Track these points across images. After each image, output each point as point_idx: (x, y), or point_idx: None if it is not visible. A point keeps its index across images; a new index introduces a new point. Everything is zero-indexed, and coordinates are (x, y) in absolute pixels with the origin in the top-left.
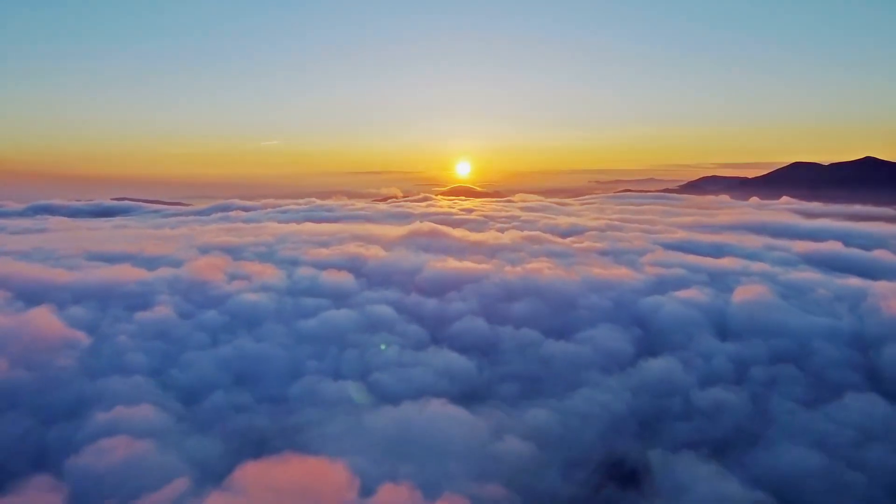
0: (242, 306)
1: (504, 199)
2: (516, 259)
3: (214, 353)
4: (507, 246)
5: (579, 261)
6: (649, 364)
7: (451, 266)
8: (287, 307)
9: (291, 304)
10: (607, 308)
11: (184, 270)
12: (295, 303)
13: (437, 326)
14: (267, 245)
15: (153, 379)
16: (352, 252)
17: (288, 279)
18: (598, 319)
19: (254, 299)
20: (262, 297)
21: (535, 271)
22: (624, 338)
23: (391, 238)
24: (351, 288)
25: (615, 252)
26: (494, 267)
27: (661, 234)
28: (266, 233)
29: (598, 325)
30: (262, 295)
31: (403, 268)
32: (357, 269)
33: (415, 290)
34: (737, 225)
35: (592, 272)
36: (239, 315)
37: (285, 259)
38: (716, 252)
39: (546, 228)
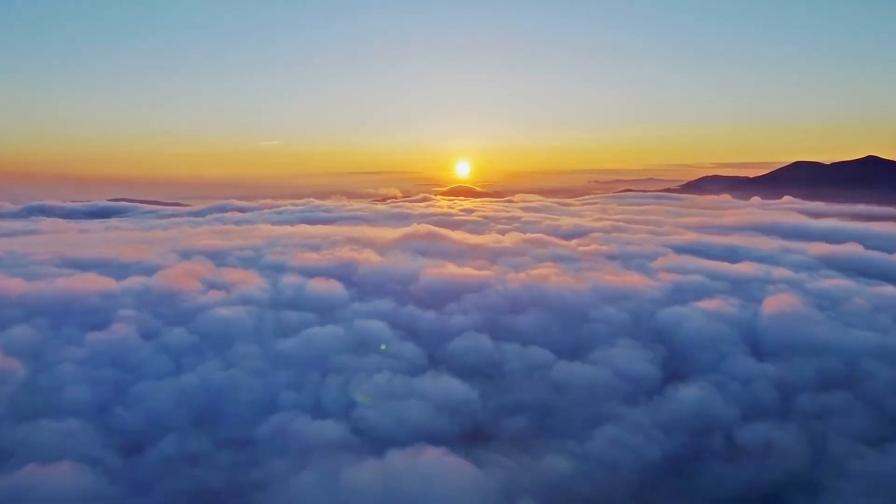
0: (215, 322)
1: (504, 199)
2: (520, 264)
3: (174, 383)
4: (509, 249)
5: (587, 266)
6: (680, 392)
7: (449, 273)
8: (266, 323)
9: (271, 320)
10: (623, 321)
11: (157, 279)
12: (276, 317)
13: (435, 344)
14: (254, 249)
15: (93, 422)
16: (343, 257)
17: (271, 288)
18: (615, 335)
19: (229, 314)
20: (239, 311)
21: (540, 278)
22: (646, 357)
23: (387, 241)
24: (340, 298)
25: (624, 256)
26: (497, 273)
27: (669, 235)
28: (257, 235)
29: (615, 341)
30: (240, 308)
31: (398, 275)
32: (348, 277)
33: (410, 300)
34: (745, 226)
35: (603, 279)
36: (210, 334)
37: (271, 265)
38: (730, 255)
39: (548, 230)
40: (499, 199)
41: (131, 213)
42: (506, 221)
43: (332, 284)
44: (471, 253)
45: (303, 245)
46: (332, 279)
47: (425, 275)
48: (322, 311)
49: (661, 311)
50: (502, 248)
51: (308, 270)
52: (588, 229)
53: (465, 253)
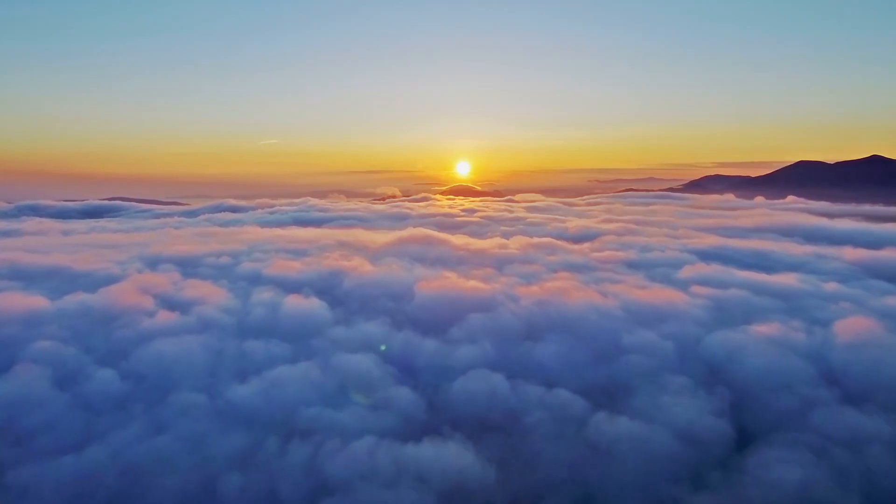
0: (156, 361)
1: (505, 199)
2: (530, 275)
3: (70, 466)
4: (516, 256)
5: (606, 276)
6: (765, 461)
7: (451, 286)
8: (223, 360)
9: (231, 354)
10: (666, 352)
11: (101, 297)
12: (237, 350)
13: (435, 385)
14: (233, 255)
15: None
16: (330, 265)
17: (239, 308)
18: (660, 371)
19: (175, 349)
20: (191, 343)
21: (558, 293)
22: (709, 407)
23: (381, 246)
24: (319, 321)
25: (645, 264)
26: (505, 287)
27: (688, 239)
28: (241, 238)
29: (662, 381)
30: (193, 339)
31: (391, 288)
32: (332, 291)
33: (405, 321)
34: (763, 228)
35: (631, 294)
36: (147, 377)
37: (247, 275)
38: (762, 263)
39: (556, 233)
40: (499, 199)
41: (125, 213)
42: (509, 223)
43: (312, 303)
44: (474, 260)
45: (287, 251)
46: (313, 295)
47: (423, 289)
48: (296, 340)
49: (709, 337)
50: (509, 255)
51: (287, 283)
52: (598, 232)
53: (467, 260)
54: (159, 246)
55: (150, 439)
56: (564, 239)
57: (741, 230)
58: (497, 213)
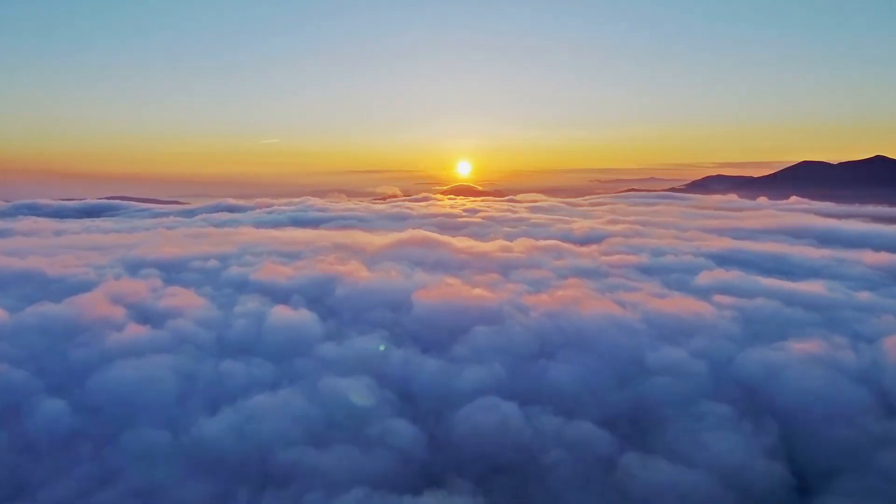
0: (116, 388)
1: (506, 199)
2: (539, 281)
3: None
4: (522, 261)
5: (619, 282)
6: None
7: (454, 295)
8: (194, 385)
9: (203, 378)
10: (698, 373)
11: (65, 308)
12: (210, 374)
13: (438, 413)
14: (222, 258)
15: None
16: (323, 270)
17: (219, 320)
18: (693, 396)
19: (140, 372)
20: (158, 365)
21: (570, 303)
22: (758, 445)
23: (379, 248)
24: (308, 336)
25: (658, 269)
26: (512, 295)
27: (698, 241)
28: (233, 240)
29: (698, 411)
30: (161, 360)
31: (389, 297)
32: (323, 300)
33: (404, 335)
34: (775, 229)
35: (649, 304)
36: (102, 409)
37: (233, 280)
38: (782, 268)
39: (561, 235)
40: (500, 199)
41: (123, 212)
42: (512, 223)
43: (300, 315)
44: (477, 265)
45: (280, 253)
46: (303, 304)
47: (423, 298)
48: (279, 359)
49: (743, 355)
50: (514, 259)
51: (275, 290)
52: (604, 233)
53: (469, 264)
54: (146, 248)
55: (93, 492)
56: (570, 241)
57: (750, 232)
58: (499, 214)
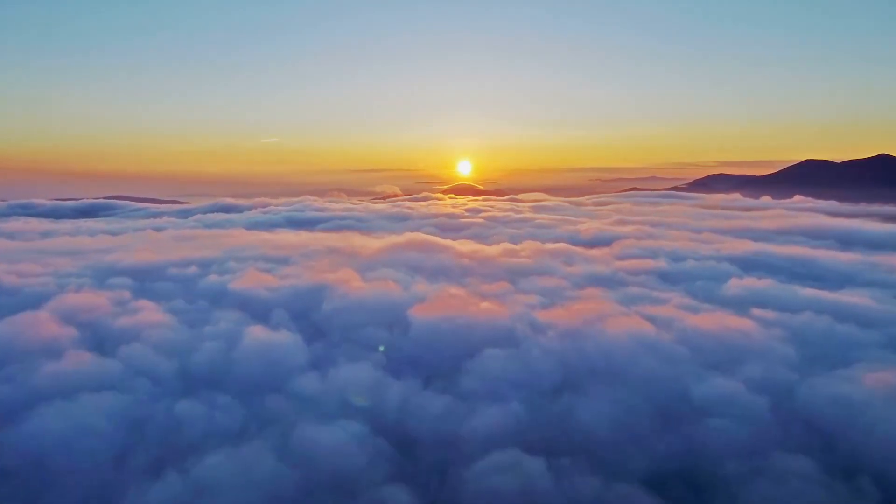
0: (34, 444)
1: (507, 198)
2: (552, 292)
3: None
4: (530, 267)
5: (641, 292)
6: None
7: (459, 309)
8: (142, 435)
9: (152, 429)
10: (760, 413)
11: (3, 328)
12: (163, 421)
13: (442, 480)
14: (205, 263)
15: None
16: (312, 279)
17: (186, 345)
18: (762, 446)
19: (69, 421)
20: (99, 409)
21: (591, 318)
22: None
23: (375, 253)
24: (287, 364)
25: (681, 275)
26: (524, 309)
27: (716, 244)
28: (222, 242)
29: (773, 468)
30: (105, 401)
31: (384, 312)
32: (309, 315)
33: (400, 361)
34: (792, 230)
35: (683, 320)
36: (14, 474)
37: (210, 291)
38: (813, 274)
39: (568, 236)
40: (501, 198)
41: (119, 212)
42: (516, 224)
43: (280, 338)
44: (481, 271)
45: (268, 258)
46: (285, 322)
47: (423, 314)
48: (250, 397)
49: (807, 387)
50: (522, 265)
51: (255, 304)
52: (613, 235)
53: (473, 271)
54: (125, 253)
55: None
56: (578, 243)
57: (766, 233)
58: (502, 214)
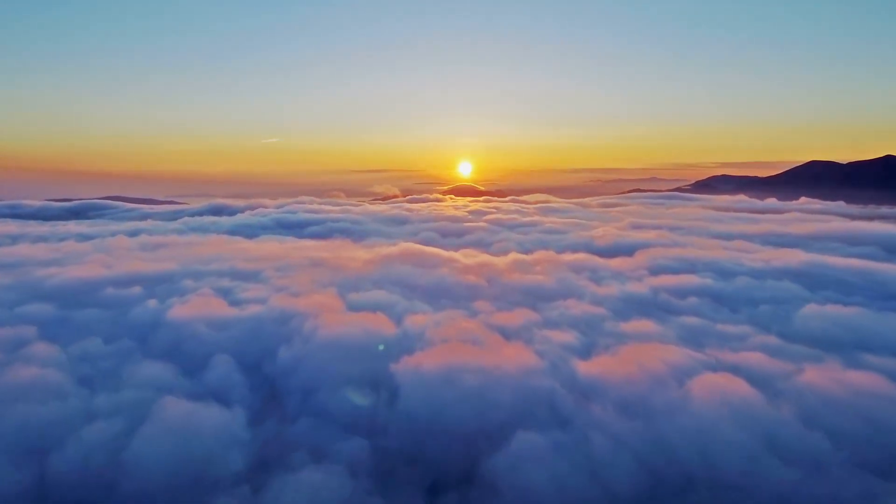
0: None
1: (508, 199)
2: (588, 323)
3: None
4: (550, 287)
5: (701, 325)
6: None
7: (469, 360)
8: None
9: None
10: None
11: None
12: None
13: None
14: (152, 281)
15: None
16: (279, 305)
17: (59, 429)
18: None
19: None
20: None
21: (660, 373)
22: None
23: (363, 267)
24: (210, 474)
25: (738, 298)
26: (558, 355)
27: (756, 254)
28: (192, 252)
29: None
30: None
31: (367, 362)
32: (262, 366)
33: (390, 457)
34: (827, 236)
35: (792, 380)
36: None
37: (140, 324)
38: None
39: (584, 244)
40: (503, 199)
41: (110, 213)
42: (523, 229)
43: (208, 416)
44: (492, 292)
45: (237, 273)
46: (220, 387)
47: (420, 367)
48: None
49: None
50: (539, 285)
51: (191, 346)
52: (634, 242)
53: (482, 292)
54: (69, 267)
55: None
56: (597, 252)
57: (800, 239)
58: (507, 217)
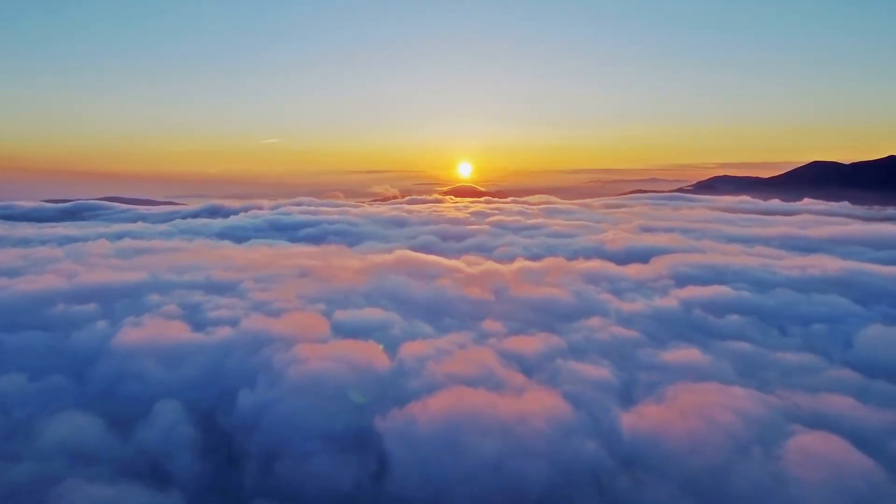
0: None
1: (509, 199)
2: (620, 351)
3: None
4: (568, 302)
5: (754, 351)
6: None
7: (473, 401)
8: None
9: None
10: None
11: None
12: None
13: None
14: (114, 295)
15: None
16: (251, 329)
17: None
18: None
19: None
20: None
21: (708, 411)
22: None
23: (355, 278)
24: None
25: (784, 315)
26: (592, 395)
27: (785, 261)
28: (169, 260)
29: None
30: None
31: (352, 416)
32: (215, 418)
33: None
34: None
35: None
36: None
37: (79, 355)
38: None
39: (594, 248)
40: (504, 199)
41: (104, 215)
42: (528, 232)
43: None
44: (501, 309)
45: (212, 285)
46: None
47: (416, 423)
48: None
49: None
50: (555, 299)
51: (133, 388)
52: (648, 247)
53: (490, 309)
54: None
55: None
56: (609, 258)
57: (821, 242)
58: (511, 219)
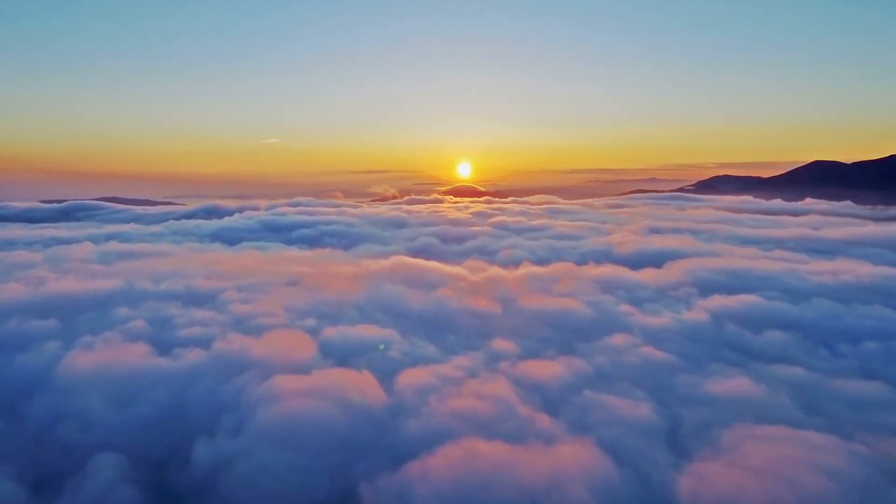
0: None
1: (510, 200)
2: (654, 379)
3: None
4: (584, 314)
5: (809, 378)
6: None
7: (489, 460)
8: None
9: None
10: None
11: None
12: None
13: None
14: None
15: None
16: (225, 352)
17: None
18: None
19: None
20: None
21: (787, 472)
22: None
23: (348, 287)
24: None
25: (829, 332)
26: (637, 444)
27: (809, 265)
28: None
29: None
30: None
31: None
32: (166, 478)
33: None
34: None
35: None
36: None
37: (24, 381)
38: None
39: (602, 252)
40: (504, 199)
41: (98, 216)
42: (532, 233)
43: None
44: (511, 324)
45: (190, 296)
46: None
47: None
48: None
49: None
50: (569, 311)
51: (67, 442)
52: (659, 250)
53: (498, 324)
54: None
55: None
56: (620, 262)
57: (840, 244)
58: (513, 220)
